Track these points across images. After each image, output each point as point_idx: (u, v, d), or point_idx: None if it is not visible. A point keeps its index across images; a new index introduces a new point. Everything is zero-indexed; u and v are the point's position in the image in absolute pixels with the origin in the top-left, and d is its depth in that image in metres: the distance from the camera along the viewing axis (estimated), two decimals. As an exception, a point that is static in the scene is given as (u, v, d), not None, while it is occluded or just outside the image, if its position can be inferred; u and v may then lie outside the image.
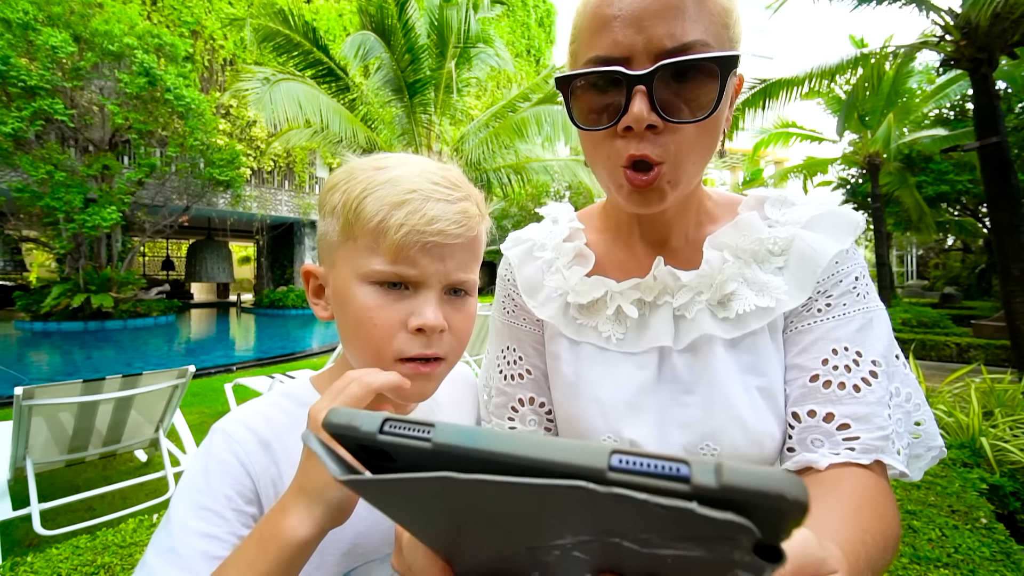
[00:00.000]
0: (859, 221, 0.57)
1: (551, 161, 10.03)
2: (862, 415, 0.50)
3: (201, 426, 4.27)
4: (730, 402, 0.55)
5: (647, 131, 0.48)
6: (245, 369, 6.95)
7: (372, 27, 8.14)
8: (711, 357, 0.57)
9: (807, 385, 0.54)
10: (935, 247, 20.52)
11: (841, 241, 0.55)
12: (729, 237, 0.59)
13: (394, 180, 0.49)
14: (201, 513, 0.47)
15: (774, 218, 0.60)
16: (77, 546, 1.57)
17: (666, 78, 0.47)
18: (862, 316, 0.54)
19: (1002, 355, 6.91)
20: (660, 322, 0.60)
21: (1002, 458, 2.36)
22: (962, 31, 5.24)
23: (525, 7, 24.86)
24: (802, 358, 0.55)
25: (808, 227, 0.57)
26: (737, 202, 0.64)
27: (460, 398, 0.74)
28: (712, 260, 0.58)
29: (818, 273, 0.55)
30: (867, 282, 0.56)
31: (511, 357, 0.71)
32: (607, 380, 0.61)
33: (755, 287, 0.57)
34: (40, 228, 10.91)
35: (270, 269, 18.49)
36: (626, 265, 0.65)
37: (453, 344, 0.54)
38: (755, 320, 0.56)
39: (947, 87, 10.73)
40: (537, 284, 0.69)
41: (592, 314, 0.64)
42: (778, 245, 0.57)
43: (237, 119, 14.78)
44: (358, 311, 0.50)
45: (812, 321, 0.55)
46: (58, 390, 2.37)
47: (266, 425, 0.53)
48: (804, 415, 0.53)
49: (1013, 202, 5.19)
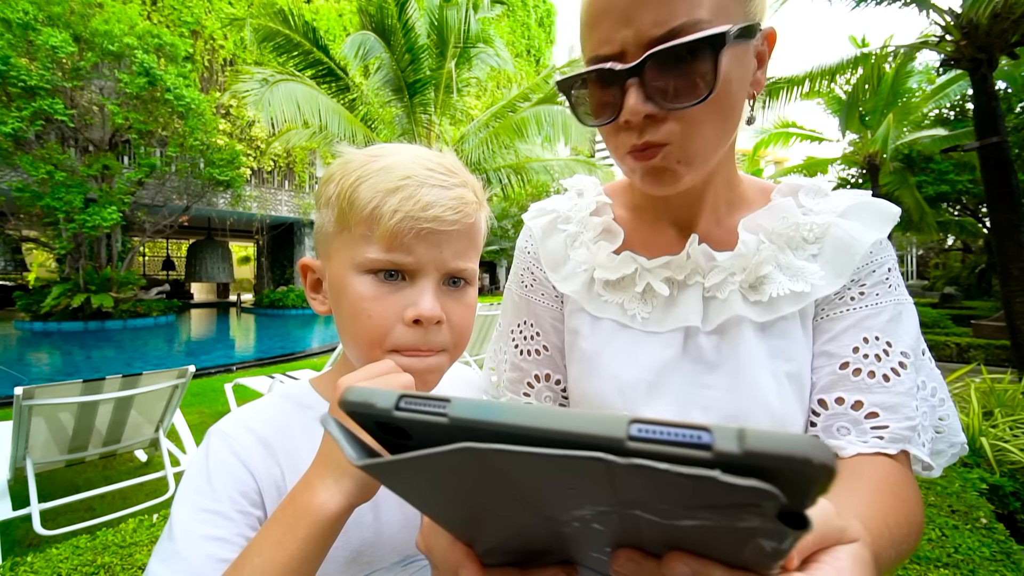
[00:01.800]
0: (895, 212, 0.57)
1: (551, 161, 10.03)
2: (891, 404, 0.50)
3: (201, 426, 4.27)
4: (757, 385, 0.54)
5: (648, 120, 0.48)
6: (245, 369, 6.95)
7: (372, 27, 8.14)
8: (740, 339, 0.56)
9: (836, 372, 0.53)
10: (935, 247, 20.53)
11: (878, 231, 0.55)
12: (764, 221, 0.58)
13: (388, 167, 0.48)
14: (205, 516, 0.46)
15: (809, 206, 0.59)
16: (77, 546, 1.57)
17: (656, 67, 0.46)
18: (893, 307, 0.54)
19: (1002, 355, 6.91)
20: (689, 301, 0.59)
21: (1002, 458, 2.36)
22: (962, 31, 5.24)
23: (525, 7, 24.86)
24: (832, 345, 0.55)
25: (844, 216, 0.57)
26: (770, 188, 0.63)
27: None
28: (748, 242, 0.57)
29: (855, 261, 0.54)
30: (898, 274, 0.56)
31: (528, 332, 0.70)
32: (628, 358, 0.60)
33: (789, 272, 0.56)
34: (40, 228, 10.91)
35: (270, 269, 18.49)
36: (654, 244, 0.63)
37: (453, 336, 0.52)
38: (788, 304, 0.55)
39: (947, 87, 10.73)
40: (561, 257, 0.68)
41: (619, 290, 0.63)
42: (813, 232, 0.57)
43: (237, 119, 14.78)
44: (353, 302, 0.49)
45: (844, 309, 0.55)
46: (58, 390, 2.37)
47: (266, 425, 0.52)
48: (832, 402, 0.53)
49: (1013, 202, 5.18)
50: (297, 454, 0.51)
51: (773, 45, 0.52)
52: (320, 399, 0.57)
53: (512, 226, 19.37)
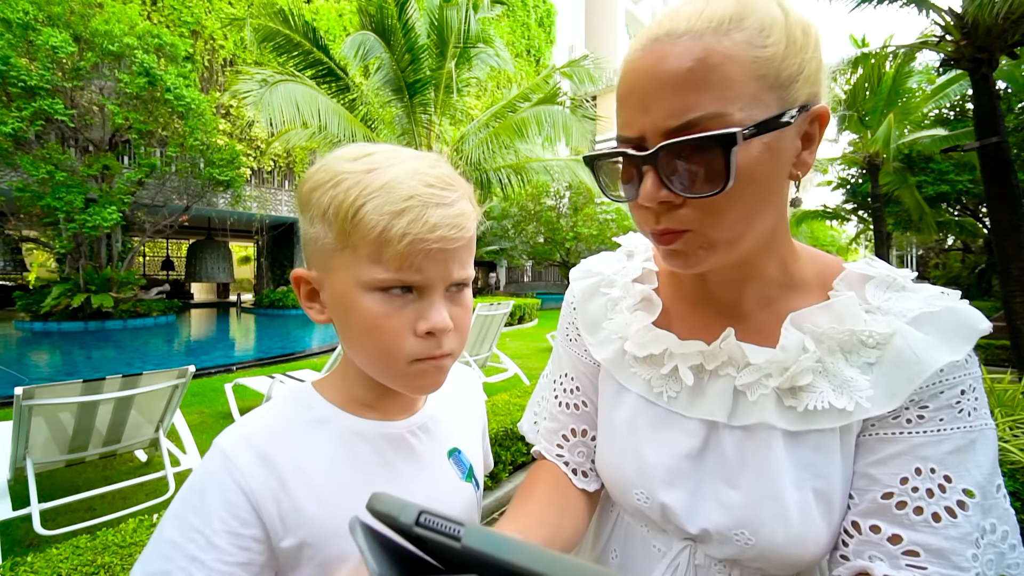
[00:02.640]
0: (981, 326, 0.48)
1: (551, 161, 10.03)
2: (937, 548, 0.44)
3: (201, 426, 4.27)
4: (777, 497, 0.50)
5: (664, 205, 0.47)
6: (245, 369, 6.95)
7: (372, 27, 8.14)
8: (766, 446, 0.52)
9: (877, 502, 0.48)
10: (935, 247, 20.53)
11: (954, 351, 0.47)
12: (818, 319, 0.52)
13: (389, 186, 0.48)
14: (192, 535, 0.46)
15: (876, 304, 0.52)
16: (77, 546, 1.57)
17: (670, 157, 0.45)
18: (961, 436, 0.46)
19: (1002, 355, 6.91)
20: (717, 393, 0.56)
21: (1002, 458, 2.36)
22: (962, 31, 5.24)
23: (525, 7, 24.86)
24: (877, 470, 0.49)
25: (916, 324, 0.49)
26: (833, 271, 0.56)
27: (466, 402, 0.73)
28: (790, 346, 0.51)
29: (916, 383, 0.47)
30: (976, 396, 0.47)
31: (568, 385, 0.70)
32: (651, 438, 0.59)
33: (835, 381, 0.50)
34: (40, 228, 10.91)
35: (270, 269, 18.49)
36: (691, 321, 0.61)
37: (458, 339, 0.55)
38: (827, 420, 0.50)
39: (947, 87, 10.73)
40: (598, 322, 0.67)
41: (647, 366, 0.61)
42: (874, 339, 0.50)
43: (237, 119, 14.78)
44: (365, 320, 0.50)
45: (898, 431, 0.48)
46: (58, 390, 2.37)
47: (265, 437, 0.53)
48: (866, 528, 0.48)
49: (1013, 202, 5.19)
50: (297, 460, 0.52)
51: (825, 124, 0.48)
52: (323, 401, 0.58)
53: (512, 226, 19.36)
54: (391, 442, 0.58)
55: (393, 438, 0.58)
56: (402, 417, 0.60)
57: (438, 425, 0.64)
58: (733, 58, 0.42)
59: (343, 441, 0.55)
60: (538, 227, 19.19)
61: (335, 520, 0.52)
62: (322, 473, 0.52)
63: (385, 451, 0.57)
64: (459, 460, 0.65)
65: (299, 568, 0.51)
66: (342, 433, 0.55)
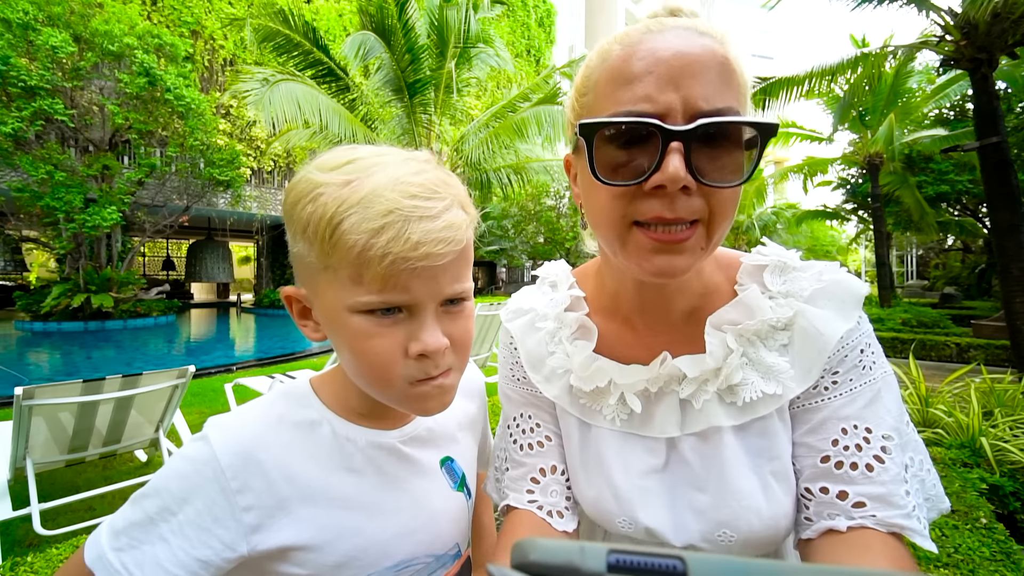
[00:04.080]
0: (862, 291, 0.54)
1: (551, 161, 10.04)
2: (877, 495, 0.49)
3: (201, 426, 4.26)
4: (743, 490, 0.54)
5: (680, 193, 0.46)
6: (245, 369, 6.95)
7: (372, 27, 8.15)
8: (720, 444, 0.56)
9: (818, 466, 0.53)
10: (935, 247, 20.54)
11: (847, 319, 0.53)
12: (731, 316, 0.57)
13: (368, 199, 0.44)
14: (166, 516, 0.46)
15: (775, 289, 0.57)
16: (77, 546, 1.57)
17: (705, 138, 0.44)
18: (869, 389, 0.52)
19: (1002, 355, 6.91)
20: (666, 412, 0.59)
21: (1002, 458, 2.36)
22: (962, 31, 5.24)
23: (525, 7, 24.86)
24: (811, 438, 0.54)
25: (811, 302, 0.55)
26: (734, 265, 0.61)
27: (464, 407, 0.71)
28: (715, 350, 0.56)
29: (825, 355, 0.53)
30: (873, 350, 0.54)
31: (526, 425, 0.67)
32: (618, 463, 0.60)
33: (761, 369, 0.55)
34: (40, 228, 10.91)
35: (270, 269, 18.50)
36: (628, 341, 0.63)
37: (458, 356, 0.52)
38: (763, 407, 0.55)
39: (947, 87, 10.74)
40: (541, 358, 0.66)
41: (596, 399, 0.63)
42: (781, 322, 0.56)
43: (237, 119, 14.78)
44: (353, 343, 0.48)
45: (819, 400, 0.54)
46: (58, 390, 2.37)
47: (254, 436, 0.51)
48: (816, 491, 0.52)
49: (1013, 202, 5.19)
50: (285, 461, 0.50)
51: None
52: (319, 403, 0.56)
53: (512, 226, 19.37)
54: (383, 451, 0.57)
55: (385, 447, 0.57)
56: (395, 427, 0.59)
57: (432, 434, 0.63)
58: (742, 68, 0.47)
59: (334, 446, 0.54)
60: (538, 227, 19.20)
61: (327, 523, 0.50)
62: (311, 474, 0.51)
63: (377, 459, 0.56)
64: (452, 469, 0.64)
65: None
66: (334, 438, 0.54)
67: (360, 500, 0.53)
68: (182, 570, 0.45)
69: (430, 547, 0.58)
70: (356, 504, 0.53)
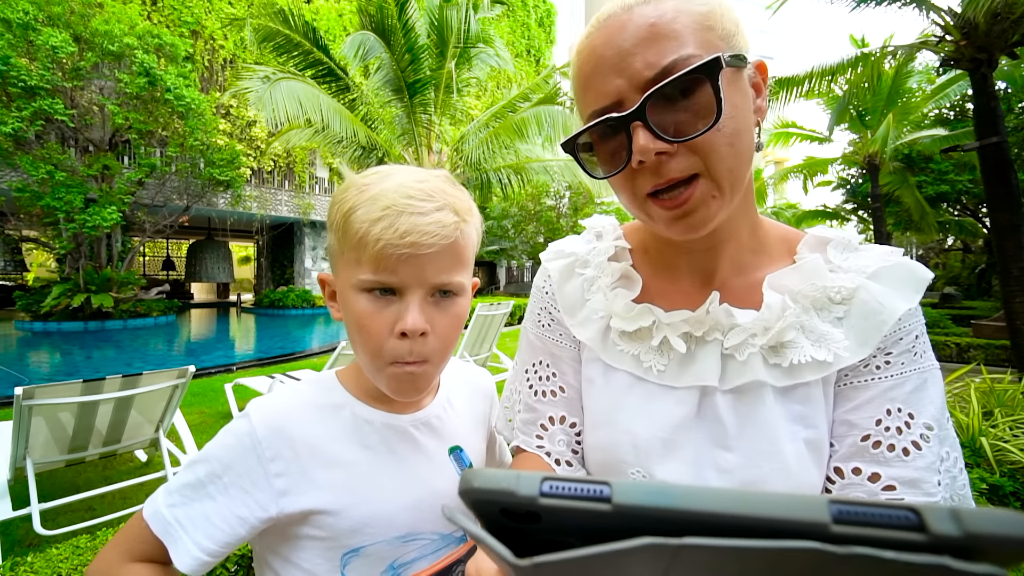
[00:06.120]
0: (927, 277, 0.54)
1: (551, 161, 10.03)
2: (909, 479, 0.50)
3: (201, 426, 4.27)
4: (777, 451, 0.53)
5: (663, 158, 0.48)
6: (245, 369, 6.95)
7: (372, 27, 8.14)
8: (759, 403, 0.55)
9: (857, 444, 0.52)
10: (935, 247, 20.54)
11: (908, 299, 0.53)
12: (791, 280, 0.57)
13: (374, 197, 0.54)
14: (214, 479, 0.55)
15: (837, 263, 0.57)
16: (77, 546, 1.57)
17: (659, 103, 0.46)
18: (918, 376, 0.52)
19: (1002, 355, 6.91)
20: (707, 359, 0.57)
21: (1002, 458, 2.36)
22: (962, 31, 5.24)
23: (525, 7, 24.86)
24: (855, 415, 0.53)
25: (874, 278, 0.55)
26: (794, 238, 0.61)
27: (475, 405, 0.75)
28: (773, 305, 0.55)
29: (883, 331, 0.52)
30: (925, 340, 0.54)
31: (543, 372, 0.69)
32: (642, 413, 0.59)
33: (812, 336, 0.54)
34: (40, 228, 10.91)
35: (270, 269, 18.49)
36: (672, 293, 0.62)
37: (436, 347, 0.58)
38: (810, 372, 0.54)
39: (947, 87, 10.73)
40: (578, 302, 0.67)
41: (635, 342, 0.61)
42: (841, 294, 0.55)
43: (237, 119, 14.78)
44: (355, 318, 0.56)
45: (869, 378, 0.53)
46: (58, 390, 2.37)
47: (286, 413, 0.59)
48: (848, 471, 0.52)
49: (1013, 202, 5.19)
50: (311, 435, 0.59)
51: (766, 76, 0.54)
52: (341, 388, 0.64)
53: (512, 226, 19.36)
54: (396, 432, 0.63)
55: (398, 429, 0.63)
56: (408, 412, 0.65)
57: (442, 423, 0.68)
58: (683, 12, 0.48)
59: (354, 426, 0.61)
60: (538, 227, 19.19)
61: (343, 490, 0.58)
62: (332, 449, 0.59)
63: (390, 439, 0.63)
64: (460, 458, 0.67)
65: (308, 544, 0.57)
66: (354, 419, 0.62)
67: (372, 473, 0.60)
68: (223, 523, 0.54)
69: (435, 525, 0.62)
70: (368, 477, 0.60)
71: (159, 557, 0.55)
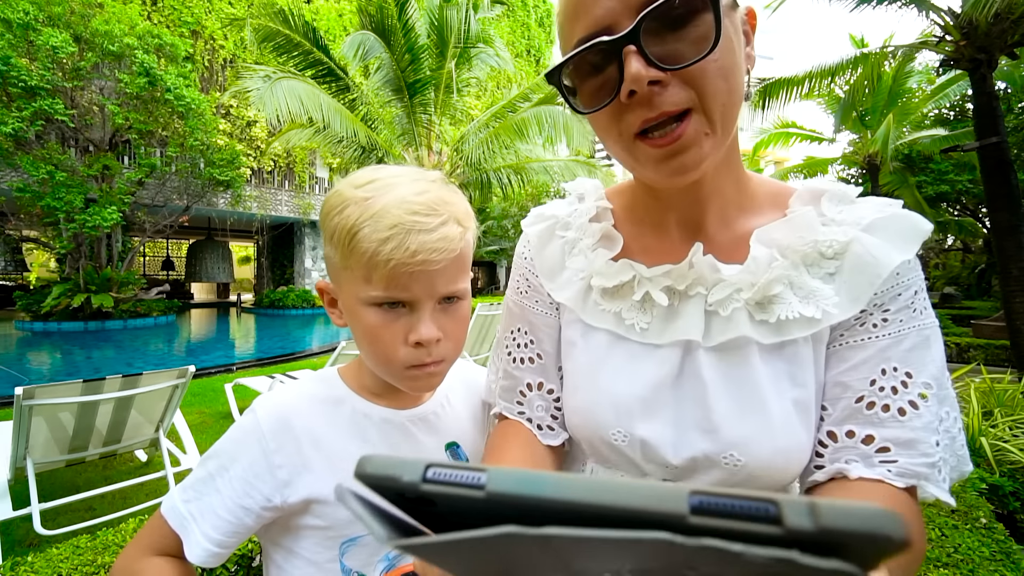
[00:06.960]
0: (926, 228, 0.51)
1: (551, 161, 10.03)
2: (905, 440, 0.47)
3: (201, 426, 4.27)
4: (762, 411, 0.51)
5: (654, 88, 0.44)
6: (245, 369, 6.95)
7: (372, 27, 8.14)
8: (743, 360, 0.53)
9: (851, 406, 0.50)
10: (935, 247, 20.53)
11: (905, 251, 0.50)
12: (780, 234, 0.54)
13: (378, 215, 0.54)
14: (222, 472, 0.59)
15: (831, 216, 0.54)
16: (77, 546, 1.57)
17: (654, 27, 0.43)
18: (917, 334, 0.49)
19: (1002, 355, 6.91)
20: (690, 314, 0.55)
21: (1002, 458, 2.37)
22: (962, 31, 5.24)
23: (525, 7, 24.86)
24: (849, 376, 0.51)
25: (869, 230, 0.52)
26: (786, 193, 0.58)
27: (473, 403, 0.77)
28: (759, 258, 0.53)
29: (876, 285, 0.50)
30: (925, 296, 0.51)
31: (521, 340, 0.68)
32: (623, 372, 0.57)
33: (801, 293, 0.52)
34: (40, 228, 10.91)
35: (270, 269, 18.49)
36: (656, 251, 0.60)
37: (450, 347, 0.61)
38: (798, 329, 0.51)
39: (947, 87, 10.74)
40: (557, 265, 0.66)
41: (616, 299, 0.60)
42: (833, 248, 0.52)
43: (237, 119, 14.78)
44: (365, 330, 0.58)
45: (866, 337, 0.51)
46: (58, 390, 2.37)
47: (290, 407, 0.62)
48: (842, 435, 0.50)
49: (1013, 202, 5.19)
50: (313, 428, 0.61)
51: (755, 24, 0.51)
52: (343, 384, 0.67)
53: (512, 226, 19.37)
54: (394, 427, 0.65)
55: (395, 424, 0.66)
56: (406, 408, 0.67)
57: (439, 419, 0.70)
58: None
59: (354, 420, 0.64)
60: (538, 227, 19.18)
61: (343, 478, 0.59)
62: (332, 441, 0.61)
63: (389, 434, 0.65)
64: (456, 454, 0.69)
65: (309, 533, 0.60)
66: (353, 413, 0.64)
67: None
68: (229, 515, 0.57)
69: None
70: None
71: (178, 551, 0.58)
